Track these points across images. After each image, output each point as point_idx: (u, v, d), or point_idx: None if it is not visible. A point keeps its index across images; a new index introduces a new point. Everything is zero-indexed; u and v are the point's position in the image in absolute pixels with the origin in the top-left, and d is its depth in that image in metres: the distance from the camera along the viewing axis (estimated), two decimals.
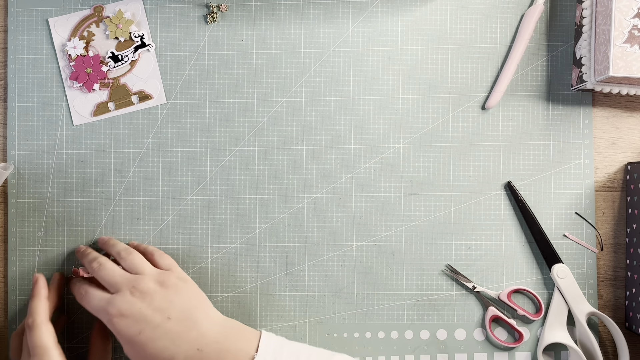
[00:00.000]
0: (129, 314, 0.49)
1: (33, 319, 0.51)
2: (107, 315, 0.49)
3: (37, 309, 0.52)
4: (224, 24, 0.60)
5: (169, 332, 0.49)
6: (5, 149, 0.60)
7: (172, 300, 0.50)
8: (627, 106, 0.59)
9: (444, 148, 0.59)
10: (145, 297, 0.50)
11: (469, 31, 0.59)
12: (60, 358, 0.50)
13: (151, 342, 0.48)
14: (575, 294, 0.56)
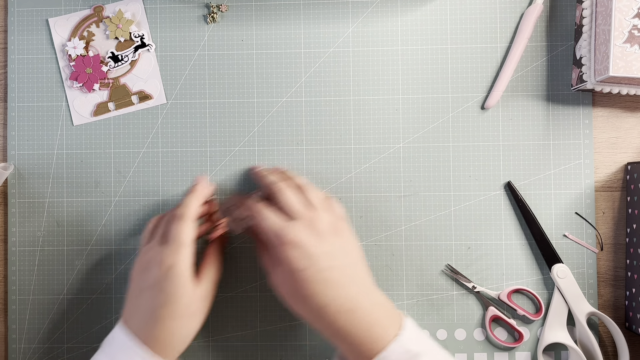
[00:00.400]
0: (302, 246, 0.47)
1: (184, 212, 0.50)
2: (280, 239, 0.47)
3: (190, 204, 0.51)
4: (224, 24, 0.60)
5: (331, 280, 0.46)
6: (5, 149, 0.60)
7: (339, 252, 0.48)
8: (627, 106, 0.59)
9: (444, 148, 0.59)
10: (319, 237, 0.48)
11: (469, 31, 0.59)
12: (190, 259, 0.48)
13: (310, 283, 0.46)
14: (575, 294, 0.56)
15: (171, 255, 0.48)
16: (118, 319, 0.59)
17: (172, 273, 0.47)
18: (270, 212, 0.49)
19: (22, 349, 0.59)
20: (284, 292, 0.49)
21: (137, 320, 0.48)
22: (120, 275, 0.59)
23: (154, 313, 0.47)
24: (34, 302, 0.59)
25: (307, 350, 0.59)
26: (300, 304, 0.48)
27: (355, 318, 0.46)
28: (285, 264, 0.47)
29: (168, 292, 0.47)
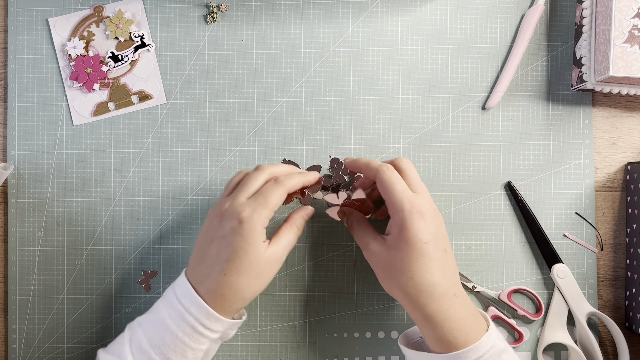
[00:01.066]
0: (429, 220, 0.47)
1: (285, 181, 0.49)
2: (413, 206, 0.47)
3: (295, 178, 0.50)
4: (224, 24, 0.60)
5: (444, 262, 0.47)
6: (5, 149, 0.60)
7: (447, 237, 0.49)
8: (627, 106, 0.59)
9: (444, 148, 0.59)
10: (437, 220, 0.48)
11: (469, 31, 0.59)
12: (266, 221, 0.47)
13: (429, 258, 0.46)
14: (575, 294, 0.56)
15: (251, 211, 0.47)
16: (118, 319, 0.59)
17: (245, 228, 0.46)
18: (401, 179, 0.49)
19: (22, 349, 0.59)
20: (392, 261, 0.47)
21: (201, 270, 0.48)
22: (120, 275, 0.59)
23: (219, 265, 0.47)
24: (34, 302, 0.59)
25: (307, 350, 0.59)
26: (408, 277, 0.46)
27: (457, 305, 0.47)
28: (409, 232, 0.46)
29: (237, 247, 0.46)
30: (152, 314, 0.49)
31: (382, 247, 0.48)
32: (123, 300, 0.59)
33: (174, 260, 0.59)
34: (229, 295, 0.47)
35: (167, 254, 0.59)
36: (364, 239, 0.50)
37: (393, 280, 0.48)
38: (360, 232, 0.51)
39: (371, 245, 0.49)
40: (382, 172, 0.49)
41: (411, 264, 0.46)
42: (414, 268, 0.46)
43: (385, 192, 0.48)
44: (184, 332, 0.46)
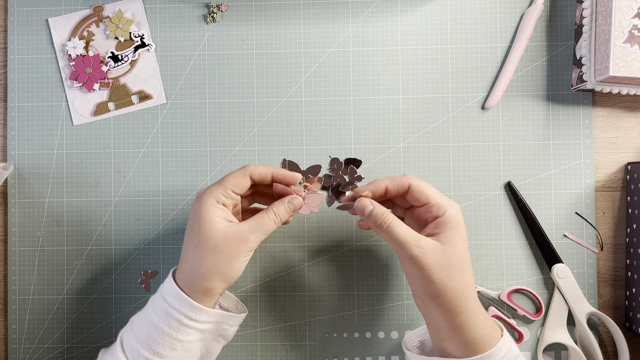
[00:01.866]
0: (463, 228, 0.48)
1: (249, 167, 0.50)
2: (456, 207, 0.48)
3: (263, 168, 0.50)
4: (224, 24, 0.60)
5: (470, 269, 0.47)
6: (5, 149, 0.60)
7: None
8: (627, 106, 0.59)
9: (444, 148, 0.59)
10: None
11: (469, 31, 0.59)
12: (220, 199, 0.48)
13: (466, 262, 0.47)
14: (575, 294, 0.56)
15: (206, 189, 0.48)
16: (118, 319, 0.59)
17: (198, 203, 0.48)
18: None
19: (22, 349, 0.59)
20: (450, 260, 0.46)
21: (180, 260, 0.49)
22: (120, 275, 0.59)
23: (186, 250, 0.48)
24: (34, 302, 0.59)
25: (307, 350, 0.59)
26: (462, 275, 0.46)
27: (479, 310, 0.47)
28: (463, 230, 0.47)
29: (191, 221, 0.48)
30: (140, 312, 0.49)
31: (438, 246, 0.46)
32: (123, 300, 0.59)
33: (174, 260, 0.59)
34: (188, 271, 0.47)
35: (167, 254, 0.59)
36: (410, 239, 0.46)
37: (449, 284, 0.46)
38: (401, 230, 0.47)
39: (424, 244, 0.46)
40: (414, 178, 0.49)
41: (466, 261, 0.47)
42: (468, 267, 0.47)
43: (426, 195, 0.48)
44: (169, 325, 0.47)
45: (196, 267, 0.47)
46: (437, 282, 0.45)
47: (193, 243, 0.47)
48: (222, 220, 0.47)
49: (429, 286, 0.46)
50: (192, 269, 0.47)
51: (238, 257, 0.47)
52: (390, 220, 0.47)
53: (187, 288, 0.47)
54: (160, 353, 0.46)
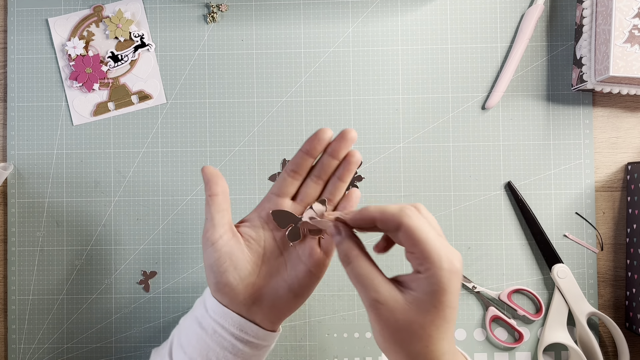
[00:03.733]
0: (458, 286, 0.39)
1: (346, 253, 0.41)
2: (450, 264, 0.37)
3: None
4: (224, 24, 0.60)
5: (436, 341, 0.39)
6: (5, 149, 0.60)
7: None
8: (627, 106, 0.59)
9: (444, 148, 0.59)
10: None
11: (469, 31, 0.59)
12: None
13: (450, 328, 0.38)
14: (575, 294, 0.56)
15: None
16: (118, 319, 0.59)
17: None
18: (431, 226, 0.39)
19: (22, 349, 0.59)
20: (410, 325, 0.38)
21: None
22: (120, 275, 0.59)
23: None
24: (34, 302, 0.59)
25: (307, 351, 0.59)
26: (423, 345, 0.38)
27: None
28: (445, 296, 0.37)
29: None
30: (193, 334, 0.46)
31: (400, 303, 0.38)
32: (123, 300, 0.59)
33: (173, 260, 0.59)
34: (212, 268, 0.44)
35: (167, 254, 0.59)
36: (370, 284, 0.39)
37: (402, 346, 0.38)
38: (363, 270, 0.40)
39: (382, 296, 0.39)
40: (409, 217, 0.38)
41: (432, 330, 0.38)
42: (433, 336, 0.38)
43: (416, 242, 0.38)
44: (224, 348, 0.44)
45: (211, 261, 0.45)
46: (386, 343, 0.39)
47: (204, 245, 0.46)
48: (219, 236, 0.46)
49: (381, 344, 0.40)
50: (210, 265, 0.45)
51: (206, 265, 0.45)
52: (351, 254, 0.41)
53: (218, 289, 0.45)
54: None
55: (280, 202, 0.46)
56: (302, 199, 0.46)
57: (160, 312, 0.59)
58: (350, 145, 0.45)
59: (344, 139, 0.44)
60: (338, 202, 0.47)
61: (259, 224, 0.46)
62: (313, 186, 0.46)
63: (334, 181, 0.46)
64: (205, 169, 0.45)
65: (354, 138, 0.45)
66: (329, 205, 0.46)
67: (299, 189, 0.47)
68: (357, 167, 0.46)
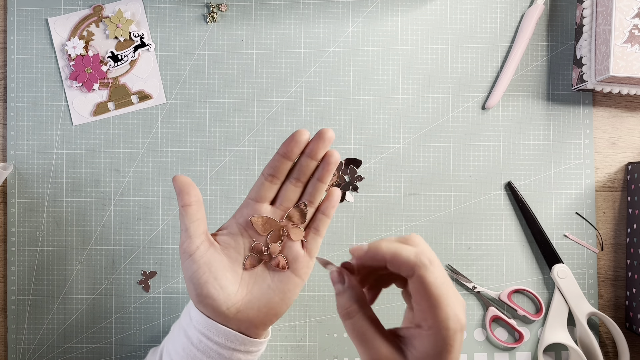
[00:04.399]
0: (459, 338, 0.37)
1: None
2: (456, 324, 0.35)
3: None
4: (223, 24, 0.60)
5: None
6: (5, 149, 0.60)
7: None
8: (627, 106, 0.59)
9: (444, 148, 0.59)
10: None
11: (469, 31, 0.59)
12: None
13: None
14: (575, 294, 0.56)
15: None
16: (118, 319, 0.59)
17: None
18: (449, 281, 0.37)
19: (22, 349, 0.59)
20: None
21: None
22: (120, 275, 0.59)
23: None
24: (33, 302, 0.59)
25: (307, 351, 0.59)
26: None
27: None
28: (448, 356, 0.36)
29: None
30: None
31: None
32: (123, 300, 0.59)
33: (173, 260, 0.59)
34: (189, 279, 0.44)
35: (167, 254, 0.59)
36: (371, 344, 0.37)
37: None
38: (364, 329, 0.38)
39: (384, 357, 0.37)
40: (426, 269, 0.36)
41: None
42: None
43: (428, 298, 0.35)
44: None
45: (188, 274, 0.44)
46: None
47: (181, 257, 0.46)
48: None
49: None
50: (188, 277, 0.45)
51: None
52: (354, 308, 0.38)
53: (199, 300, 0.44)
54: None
55: (258, 208, 0.45)
56: (282, 203, 0.45)
57: (160, 312, 0.59)
58: (328, 145, 0.44)
59: (322, 139, 0.44)
60: (319, 204, 0.46)
61: (237, 231, 0.45)
62: (292, 189, 0.45)
63: (313, 182, 0.45)
64: (176, 179, 0.44)
65: (331, 138, 0.44)
66: (309, 208, 0.46)
67: (277, 192, 0.46)
68: (335, 167, 0.45)
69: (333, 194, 0.46)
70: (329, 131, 0.44)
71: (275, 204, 0.46)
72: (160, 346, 0.47)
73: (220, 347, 0.44)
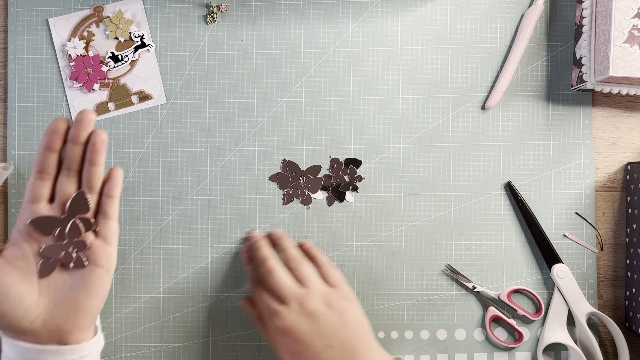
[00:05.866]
0: (293, 333, 0.47)
1: None
2: (273, 324, 0.48)
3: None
4: (224, 24, 0.60)
5: (331, 358, 0.46)
6: (5, 149, 0.60)
7: (336, 327, 0.47)
8: (627, 106, 0.59)
9: (444, 148, 0.59)
10: (312, 319, 0.47)
11: (469, 31, 0.59)
12: None
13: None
14: (575, 294, 0.56)
15: None
16: (118, 319, 0.59)
17: None
18: (264, 294, 0.50)
19: None
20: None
21: None
22: (120, 275, 0.59)
23: None
24: None
25: None
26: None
27: None
28: (280, 349, 0.48)
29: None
30: None
31: (272, 342, 0.51)
32: (123, 300, 0.59)
33: (173, 260, 0.59)
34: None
35: (167, 254, 0.59)
36: (262, 333, 0.52)
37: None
38: (279, 279, 0.51)
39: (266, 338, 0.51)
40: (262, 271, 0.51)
41: None
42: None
43: (258, 299, 0.52)
44: None
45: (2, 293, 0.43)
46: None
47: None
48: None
49: None
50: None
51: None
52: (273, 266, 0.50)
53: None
54: None
55: (36, 209, 0.43)
56: (60, 198, 0.44)
57: (161, 312, 0.59)
58: (90, 126, 0.43)
59: (80, 122, 0.43)
60: (101, 187, 0.45)
61: (21, 240, 0.43)
62: (67, 180, 0.44)
63: (87, 168, 0.44)
64: None
65: (91, 119, 0.43)
66: (92, 195, 0.44)
67: (53, 188, 0.44)
68: (105, 146, 0.44)
69: (113, 174, 0.46)
70: (88, 112, 0.43)
71: (53, 202, 0.44)
72: None
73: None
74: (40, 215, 0.43)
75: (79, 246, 0.43)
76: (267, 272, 0.50)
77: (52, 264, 0.43)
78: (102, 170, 0.45)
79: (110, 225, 0.45)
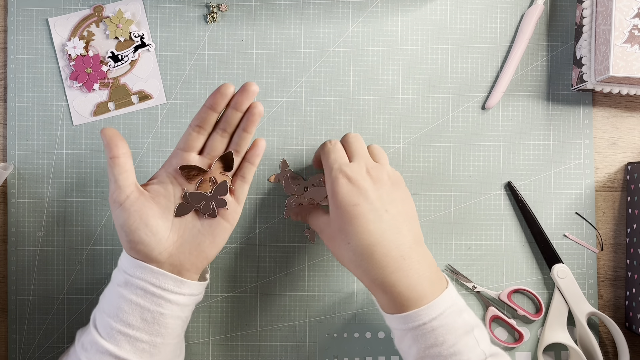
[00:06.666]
0: (359, 184, 0.47)
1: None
2: (338, 173, 0.47)
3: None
4: (224, 24, 0.60)
5: (382, 222, 0.46)
6: (5, 149, 0.60)
7: (400, 200, 0.48)
8: (627, 106, 0.59)
9: (444, 148, 0.59)
10: (379, 183, 0.48)
11: (469, 31, 0.59)
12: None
13: (361, 219, 0.46)
14: (575, 294, 0.56)
15: None
16: None
17: None
18: (339, 149, 0.50)
19: (22, 349, 0.59)
20: (332, 232, 0.48)
21: None
22: None
23: None
24: (34, 302, 0.59)
25: (307, 351, 0.59)
26: (345, 242, 0.46)
27: (406, 268, 0.45)
28: (336, 196, 0.47)
29: None
30: (106, 289, 0.50)
31: (325, 220, 0.49)
32: None
33: None
34: (120, 227, 0.47)
35: None
36: (315, 222, 0.51)
37: (336, 250, 0.48)
38: (312, 218, 0.52)
39: (319, 223, 0.50)
40: (323, 146, 0.51)
41: (345, 227, 0.46)
42: (349, 232, 0.46)
43: (323, 163, 0.50)
44: (136, 294, 0.47)
45: (119, 223, 0.48)
46: (334, 254, 0.50)
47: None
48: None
49: (335, 256, 0.50)
50: (119, 225, 0.48)
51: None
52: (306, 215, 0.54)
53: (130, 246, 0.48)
54: (131, 324, 0.46)
55: (187, 157, 0.49)
56: (209, 152, 0.49)
57: None
58: (252, 97, 0.48)
59: (246, 92, 0.47)
60: (245, 153, 0.50)
61: (167, 180, 0.49)
62: (219, 139, 0.49)
63: (239, 133, 0.49)
64: (104, 131, 0.47)
65: (255, 91, 0.47)
66: (236, 157, 0.50)
67: (205, 143, 0.49)
68: (260, 117, 0.49)
69: (258, 144, 0.51)
70: (253, 85, 0.48)
71: (203, 154, 0.49)
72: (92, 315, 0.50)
73: (151, 285, 0.46)
74: (190, 163, 0.48)
75: (219, 203, 0.49)
76: (348, 141, 0.52)
77: (188, 207, 0.48)
78: (251, 138, 0.50)
79: (245, 188, 0.51)
